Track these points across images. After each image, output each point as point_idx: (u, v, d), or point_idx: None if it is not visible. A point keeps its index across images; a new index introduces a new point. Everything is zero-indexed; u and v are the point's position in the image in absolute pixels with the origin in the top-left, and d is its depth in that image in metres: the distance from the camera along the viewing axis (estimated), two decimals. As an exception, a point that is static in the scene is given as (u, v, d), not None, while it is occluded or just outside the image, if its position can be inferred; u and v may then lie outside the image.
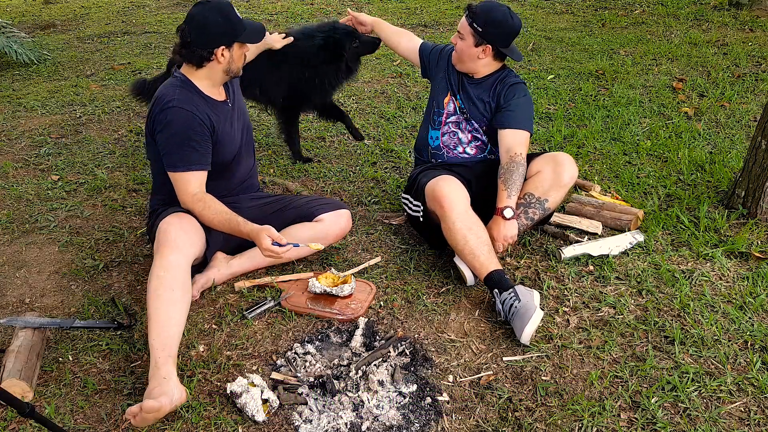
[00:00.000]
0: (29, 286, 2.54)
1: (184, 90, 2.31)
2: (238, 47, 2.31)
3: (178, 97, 2.27)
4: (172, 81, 2.36)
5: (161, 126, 2.27)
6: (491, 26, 2.55)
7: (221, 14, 2.24)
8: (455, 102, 2.74)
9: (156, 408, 1.77)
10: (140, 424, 1.81)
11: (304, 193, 3.22)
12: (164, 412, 1.80)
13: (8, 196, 3.26)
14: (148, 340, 1.97)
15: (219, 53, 2.27)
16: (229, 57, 2.30)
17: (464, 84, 2.73)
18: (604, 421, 1.86)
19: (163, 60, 5.75)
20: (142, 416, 1.77)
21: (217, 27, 2.24)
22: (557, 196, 2.57)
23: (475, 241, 2.35)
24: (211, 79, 2.35)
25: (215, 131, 2.35)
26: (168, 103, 2.26)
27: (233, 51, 2.30)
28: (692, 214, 2.92)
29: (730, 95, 4.41)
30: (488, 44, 2.59)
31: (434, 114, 2.80)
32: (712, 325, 2.23)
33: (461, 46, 2.64)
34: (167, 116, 2.26)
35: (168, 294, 2.04)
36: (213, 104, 2.37)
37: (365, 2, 7.92)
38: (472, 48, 2.61)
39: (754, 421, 1.86)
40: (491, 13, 2.55)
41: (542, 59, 5.43)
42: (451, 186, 2.45)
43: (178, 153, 2.26)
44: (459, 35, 2.64)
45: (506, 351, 2.14)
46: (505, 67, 2.74)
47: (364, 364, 2.04)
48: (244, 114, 2.57)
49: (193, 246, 2.23)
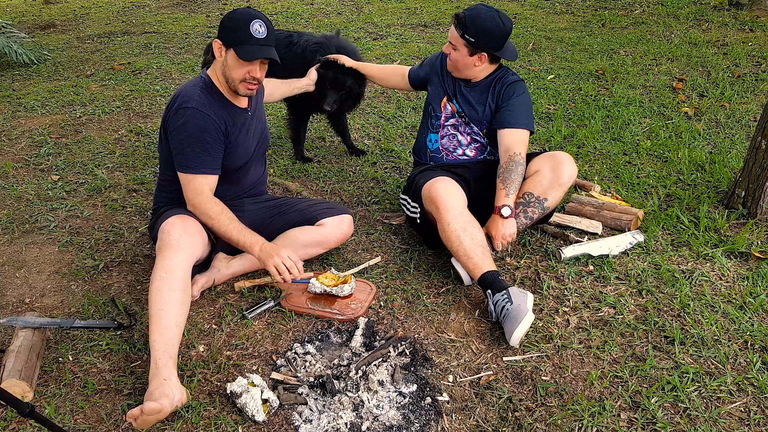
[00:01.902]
0: (29, 286, 2.54)
1: (205, 92, 2.30)
2: (233, 56, 2.24)
3: (198, 99, 2.27)
4: (195, 81, 2.36)
5: (176, 125, 2.27)
6: (482, 35, 2.52)
7: (235, 18, 2.24)
8: (452, 105, 2.74)
9: (157, 410, 1.77)
10: (141, 426, 1.81)
11: (304, 193, 3.22)
12: (165, 413, 1.81)
13: (8, 196, 3.26)
14: (149, 341, 1.97)
15: (216, 45, 2.28)
16: (223, 58, 2.28)
17: (460, 88, 2.72)
18: (604, 421, 1.86)
19: (163, 60, 5.76)
20: (144, 418, 1.77)
21: (225, 23, 2.26)
22: (556, 195, 2.57)
23: (469, 242, 2.35)
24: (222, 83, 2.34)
25: (229, 136, 2.35)
26: (186, 103, 2.26)
27: (228, 54, 2.26)
28: (692, 214, 2.92)
29: (730, 95, 4.41)
30: (483, 52, 2.57)
31: (432, 118, 2.80)
32: (712, 325, 2.23)
33: (456, 56, 2.62)
34: (183, 116, 2.25)
35: (169, 295, 2.04)
36: (232, 110, 2.36)
37: (365, 2, 7.92)
38: (467, 58, 2.60)
39: (754, 421, 1.86)
40: (480, 21, 2.50)
41: (542, 59, 5.43)
42: (446, 187, 2.45)
43: (191, 154, 2.26)
44: (452, 46, 2.61)
45: (506, 351, 2.14)
46: (502, 66, 2.74)
47: (364, 364, 2.04)
48: (262, 123, 2.57)
49: (195, 248, 2.23)
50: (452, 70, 2.71)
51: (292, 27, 6.86)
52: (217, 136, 2.29)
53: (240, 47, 2.21)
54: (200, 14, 7.58)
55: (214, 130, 2.27)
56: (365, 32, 6.50)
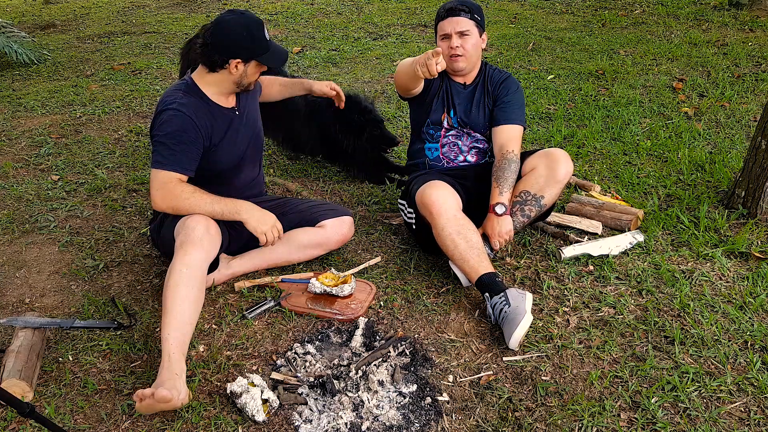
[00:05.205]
0: (29, 286, 2.54)
1: (188, 95, 2.30)
2: (255, 65, 2.31)
3: (180, 101, 2.27)
4: (178, 85, 2.36)
5: (157, 126, 2.28)
6: (480, 12, 2.64)
7: (247, 29, 2.24)
8: (449, 119, 2.73)
9: (167, 399, 1.76)
10: (144, 409, 1.80)
11: (305, 193, 3.22)
12: (172, 406, 1.80)
13: (8, 196, 3.26)
14: (162, 334, 1.96)
15: (233, 64, 2.27)
16: (242, 71, 2.29)
17: (453, 100, 2.70)
18: (604, 421, 1.86)
19: (163, 60, 5.76)
20: (149, 402, 1.76)
21: (238, 40, 2.24)
22: (553, 192, 2.56)
23: (464, 245, 2.34)
24: (219, 86, 2.35)
25: (212, 137, 2.34)
26: (168, 105, 2.26)
27: (248, 67, 2.30)
28: (692, 214, 2.92)
29: (730, 95, 4.41)
30: (484, 30, 2.65)
31: (429, 129, 2.75)
32: (712, 325, 2.23)
33: (471, 43, 2.60)
34: (164, 117, 2.25)
35: (187, 291, 2.04)
36: (217, 111, 2.36)
37: (365, 2, 7.92)
38: (479, 40, 2.63)
39: (754, 421, 1.86)
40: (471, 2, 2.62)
41: (542, 59, 5.43)
42: (439, 192, 2.43)
43: (166, 152, 2.24)
44: (463, 35, 2.58)
45: (506, 351, 2.14)
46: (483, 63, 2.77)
47: (364, 364, 2.04)
48: (254, 123, 2.54)
49: (213, 249, 2.22)
50: (463, 67, 2.66)
51: (292, 27, 6.86)
52: (196, 139, 2.27)
53: (264, 57, 2.30)
54: (200, 14, 7.57)
55: (194, 131, 2.26)
56: (365, 32, 6.50)
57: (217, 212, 2.26)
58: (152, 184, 2.25)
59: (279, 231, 2.37)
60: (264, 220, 2.32)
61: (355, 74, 5.19)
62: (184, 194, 2.23)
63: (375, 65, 5.41)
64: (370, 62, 5.48)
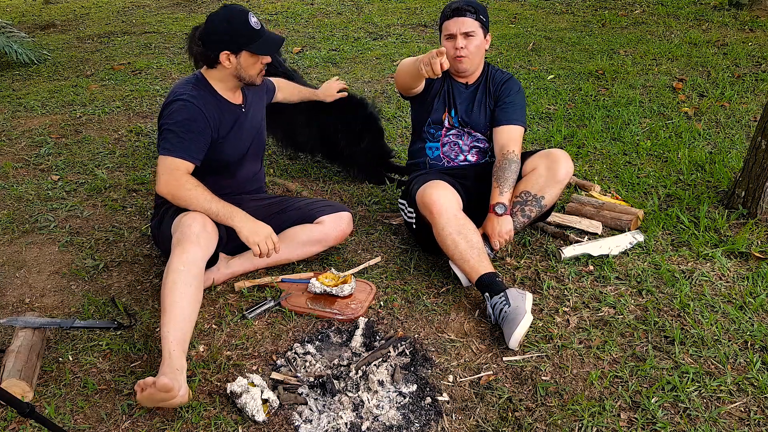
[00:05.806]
0: (29, 286, 2.54)
1: (198, 88, 2.36)
2: (248, 56, 2.31)
3: (190, 93, 2.32)
4: (189, 78, 2.41)
5: (166, 114, 2.31)
6: (486, 13, 2.63)
7: (228, 21, 2.26)
8: (450, 118, 2.73)
9: (169, 387, 1.76)
10: (144, 400, 1.80)
11: (305, 193, 3.22)
12: (173, 398, 1.79)
13: (8, 196, 3.26)
14: (162, 332, 1.96)
15: (224, 58, 2.30)
16: (236, 63, 2.31)
17: (455, 100, 2.70)
18: (604, 421, 1.86)
19: (163, 60, 5.76)
20: (151, 392, 1.76)
21: (220, 32, 2.27)
22: (553, 192, 2.56)
23: (464, 245, 2.34)
24: (223, 82, 2.39)
25: (219, 130, 2.38)
26: (179, 96, 2.31)
27: (241, 59, 2.31)
28: (692, 214, 2.92)
29: (730, 95, 4.41)
30: (488, 31, 2.64)
31: (429, 128, 2.75)
32: (712, 325, 2.23)
33: (475, 44, 2.59)
34: (174, 107, 2.30)
35: (185, 289, 2.04)
36: (225, 105, 2.41)
37: (365, 2, 7.92)
38: (483, 41, 2.63)
39: (754, 421, 1.86)
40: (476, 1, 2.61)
41: (542, 59, 5.43)
42: (439, 192, 2.43)
43: (174, 139, 2.27)
44: (468, 36, 2.57)
45: (506, 351, 2.14)
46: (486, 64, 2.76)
47: (364, 364, 2.04)
48: (259, 122, 2.59)
49: (210, 246, 2.23)
50: (467, 68, 2.65)
51: (292, 27, 6.86)
52: (205, 129, 2.31)
53: (252, 46, 2.29)
54: (200, 14, 7.57)
55: (203, 121, 2.30)
56: (365, 32, 6.50)
57: (213, 211, 2.26)
58: (159, 169, 2.28)
59: (275, 242, 2.30)
60: (256, 231, 2.28)
61: (355, 74, 5.19)
62: (187, 185, 2.25)
63: (375, 65, 5.41)
64: (370, 62, 5.48)
